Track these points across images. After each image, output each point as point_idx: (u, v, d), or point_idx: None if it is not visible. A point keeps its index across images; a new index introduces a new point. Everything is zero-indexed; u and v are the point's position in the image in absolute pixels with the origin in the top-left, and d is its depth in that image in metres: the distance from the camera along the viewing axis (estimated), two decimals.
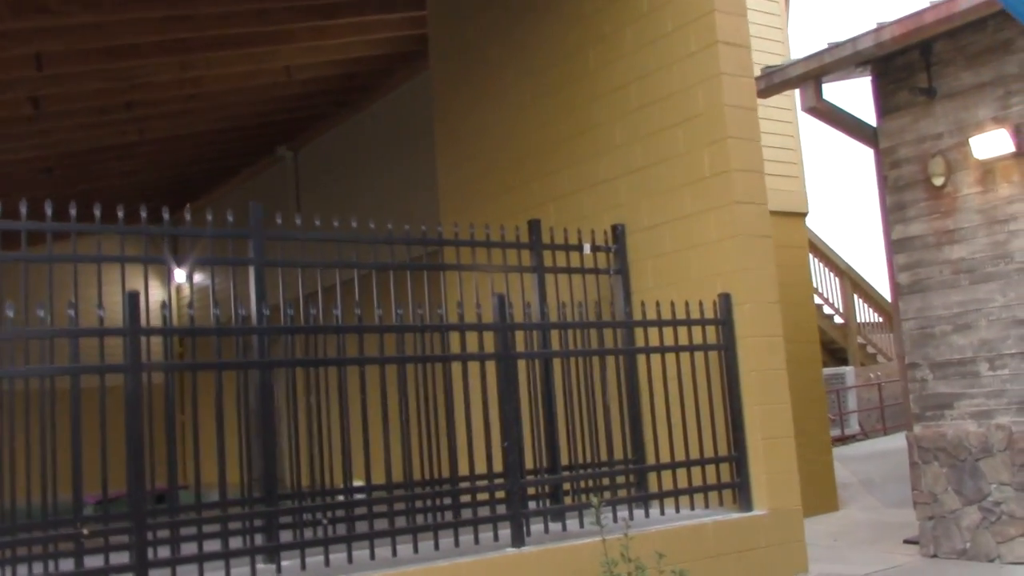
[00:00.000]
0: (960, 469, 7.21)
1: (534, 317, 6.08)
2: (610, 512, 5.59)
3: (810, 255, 12.61)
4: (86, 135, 12.55)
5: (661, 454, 6.37)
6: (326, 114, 13.80)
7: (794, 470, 6.29)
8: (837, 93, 10.67)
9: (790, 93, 9.81)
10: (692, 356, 6.31)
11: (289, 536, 5.03)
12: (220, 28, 9.91)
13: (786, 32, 11.46)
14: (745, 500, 6.16)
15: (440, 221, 7.59)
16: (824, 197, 41.44)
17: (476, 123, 8.82)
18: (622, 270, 6.93)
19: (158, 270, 5.93)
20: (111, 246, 5.02)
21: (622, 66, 7.14)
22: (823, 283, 16.39)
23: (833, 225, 42.81)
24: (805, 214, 11.27)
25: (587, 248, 6.79)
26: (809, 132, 43.89)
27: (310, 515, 5.16)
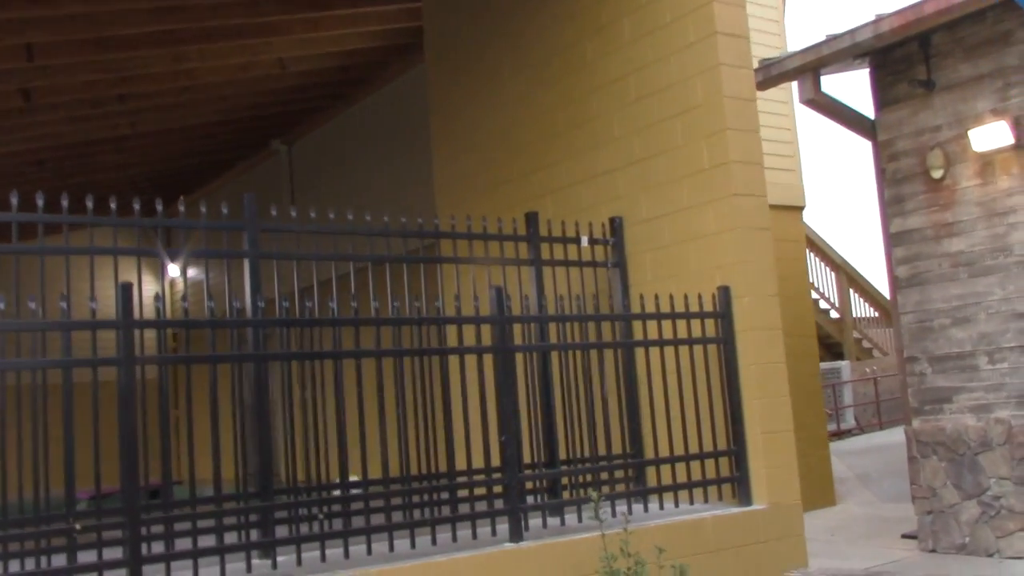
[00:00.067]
0: (959, 463, 7.18)
1: (532, 310, 6.03)
2: (609, 506, 5.55)
3: (806, 250, 12.60)
4: (78, 128, 12.44)
5: (660, 448, 6.33)
6: (320, 107, 13.72)
7: (794, 464, 6.26)
8: (835, 85, 10.66)
9: (786, 86, 9.77)
10: (691, 349, 6.27)
11: (285, 531, 4.97)
12: (213, 19, 9.83)
13: (783, 24, 11.44)
14: (744, 494, 6.12)
15: (437, 214, 7.53)
16: (821, 191, 41.51)
17: (472, 115, 8.76)
18: (620, 263, 6.89)
19: (151, 263, 5.87)
20: (104, 238, 4.97)
21: (620, 57, 7.08)
22: (819, 278, 16.41)
23: (830, 219, 42.92)
24: (802, 208, 11.25)
25: (585, 241, 6.74)
26: (805, 125, 43.94)
27: (306, 510, 5.11)
